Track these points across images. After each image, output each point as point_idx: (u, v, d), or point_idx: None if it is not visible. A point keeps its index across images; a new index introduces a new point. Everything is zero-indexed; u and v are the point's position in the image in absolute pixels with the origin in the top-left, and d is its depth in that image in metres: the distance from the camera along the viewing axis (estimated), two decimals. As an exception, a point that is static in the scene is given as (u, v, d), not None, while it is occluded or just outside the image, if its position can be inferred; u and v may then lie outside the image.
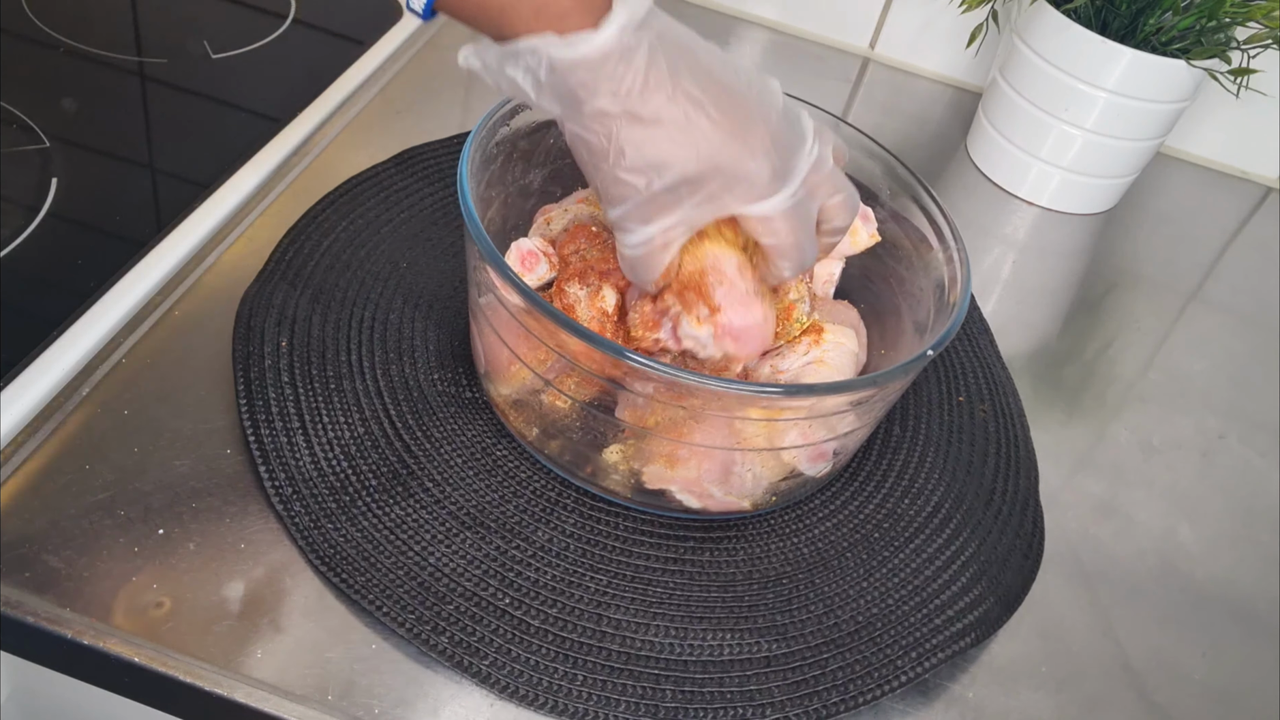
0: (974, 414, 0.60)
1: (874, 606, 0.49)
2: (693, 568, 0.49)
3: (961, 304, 0.50)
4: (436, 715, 0.43)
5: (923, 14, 0.92)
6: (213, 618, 0.44)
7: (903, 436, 0.58)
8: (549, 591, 0.47)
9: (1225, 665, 0.52)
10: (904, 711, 0.47)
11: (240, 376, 0.52)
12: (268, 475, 0.48)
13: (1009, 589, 0.51)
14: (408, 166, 0.68)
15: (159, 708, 0.46)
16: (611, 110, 0.40)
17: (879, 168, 0.58)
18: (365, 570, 0.46)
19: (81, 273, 0.57)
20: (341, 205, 0.63)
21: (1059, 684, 0.50)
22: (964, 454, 0.57)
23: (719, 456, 0.48)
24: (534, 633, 0.45)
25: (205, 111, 0.71)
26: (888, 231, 0.58)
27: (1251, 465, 0.64)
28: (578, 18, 0.39)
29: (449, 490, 0.50)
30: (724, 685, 0.45)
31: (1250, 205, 0.90)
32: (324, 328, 0.55)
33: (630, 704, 0.44)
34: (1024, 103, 0.79)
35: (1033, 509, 0.56)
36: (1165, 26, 0.72)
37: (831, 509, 0.53)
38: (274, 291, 0.56)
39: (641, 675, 0.45)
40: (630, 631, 0.46)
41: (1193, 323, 0.75)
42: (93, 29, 0.75)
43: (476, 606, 0.45)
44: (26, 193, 0.61)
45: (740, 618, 0.47)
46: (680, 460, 0.48)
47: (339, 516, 0.47)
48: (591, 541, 0.49)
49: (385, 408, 0.52)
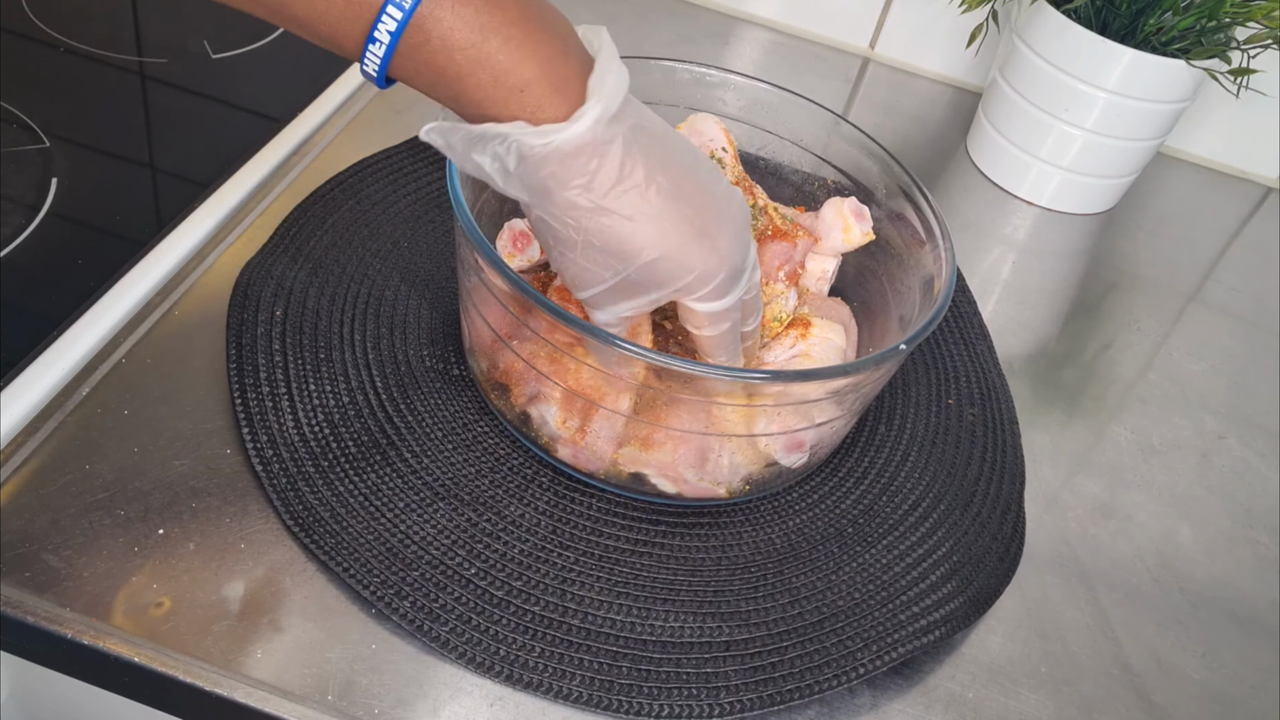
0: (963, 417, 0.60)
1: (841, 600, 0.49)
2: (662, 551, 0.50)
3: (942, 300, 0.50)
4: (436, 715, 0.43)
5: (923, 14, 0.92)
6: (212, 618, 0.44)
7: (887, 435, 0.58)
8: (515, 565, 0.47)
9: (1224, 666, 0.52)
10: (902, 711, 0.47)
11: (232, 342, 0.53)
12: (250, 436, 0.49)
13: (980, 590, 0.51)
14: (419, 151, 0.69)
15: (159, 708, 0.46)
16: (582, 204, 0.40)
17: (876, 166, 0.59)
18: (336, 533, 0.47)
19: (81, 273, 0.57)
20: (350, 185, 0.65)
21: (1058, 684, 0.50)
22: (947, 456, 0.57)
23: (695, 441, 0.49)
24: (496, 604, 0.46)
25: (205, 111, 0.71)
26: (882, 230, 0.58)
27: (1251, 466, 0.64)
28: (552, 106, 0.38)
29: (426, 462, 0.50)
30: (681, 666, 0.45)
31: (1250, 205, 0.90)
32: (319, 300, 0.57)
33: (585, 678, 0.44)
34: (1024, 103, 0.79)
35: (1014, 514, 0.56)
36: (1165, 26, 0.72)
37: (808, 502, 0.54)
38: (275, 263, 0.58)
39: (600, 651, 0.45)
40: (592, 609, 0.47)
41: (1192, 323, 0.75)
42: (93, 29, 0.75)
43: (442, 575, 0.46)
44: (26, 193, 0.61)
45: (704, 602, 0.48)
46: (656, 443, 0.49)
47: (316, 480, 0.48)
48: (562, 519, 0.50)
49: (372, 379, 0.53)
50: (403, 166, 0.67)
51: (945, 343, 0.65)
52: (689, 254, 0.42)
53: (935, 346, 0.65)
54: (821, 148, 0.61)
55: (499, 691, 0.44)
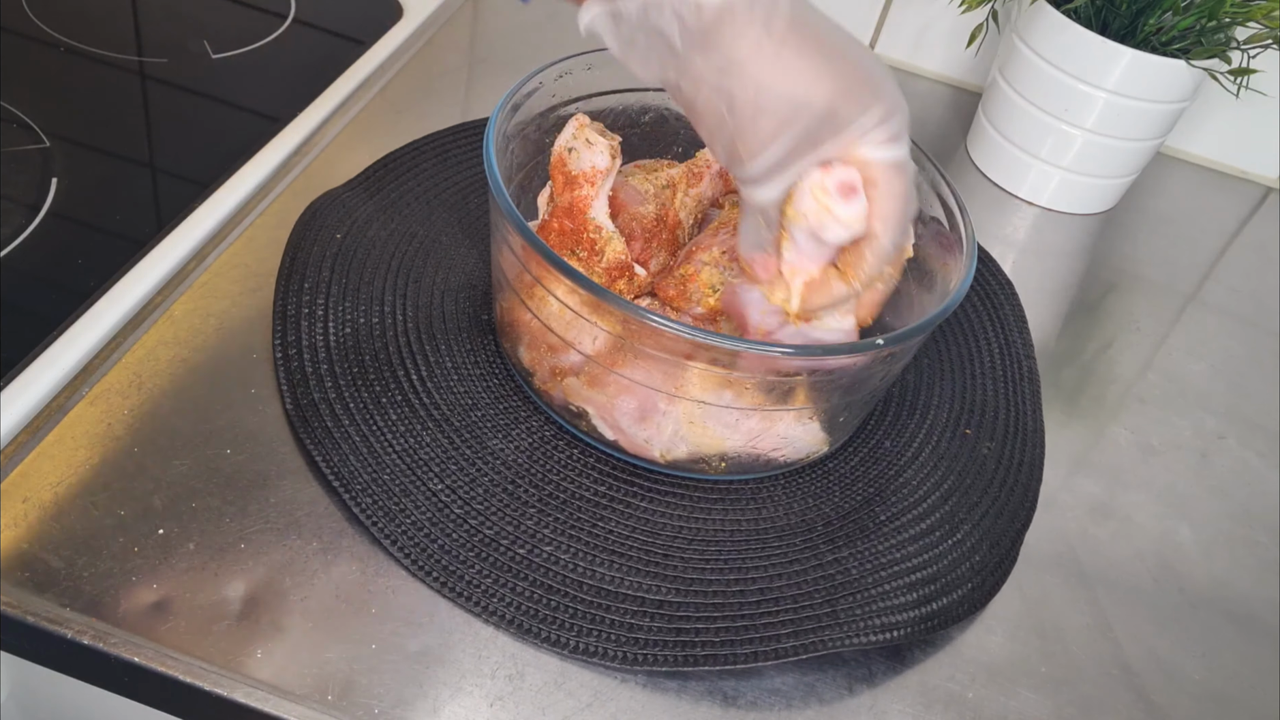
0: (977, 449, 0.58)
1: (787, 588, 0.49)
2: (625, 509, 0.51)
3: (950, 302, 0.50)
4: (436, 715, 0.43)
5: (923, 14, 0.92)
6: (212, 618, 0.44)
7: (890, 450, 0.57)
8: (480, 490, 0.50)
9: (1223, 666, 0.52)
10: (902, 711, 0.47)
11: (289, 252, 0.58)
12: (279, 333, 0.54)
13: (938, 611, 0.50)
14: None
15: (159, 708, 0.46)
16: (765, 47, 0.40)
17: (924, 180, 0.57)
18: (330, 430, 0.51)
19: (81, 272, 0.57)
20: (440, 144, 0.70)
21: (1057, 684, 0.50)
22: (948, 481, 0.56)
23: (638, 393, 0.50)
24: (452, 519, 0.49)
25: (205, 111, 0.71)
26: (920, 250, 0.56)
27: (1250, 467, 0.64)
28: None
29: (429, 386, 0.54)
30: (608, 612, 0.47)
31: (1250, 205, 0.90)
32: (379, 233, 0.62)
33: (515, 603, 0.47)
34: (1024, 103, 0.79)
35: (1003, 550, 0.54)
36: (1165, 26, 0.72)
37: (788, 496, 0.54)
38: (349, 197, 0.63)
39: (535, 582, 0.47)
40: (540, 544, 0.49)
41: (1192, 324, 0.75)
42: (93, 29, 0.75)
43: (408, 481, 0.50)
44: (26, 192, 0.61)
45: (651, 562, 0.49)
46: (599, 383, 0.50)
47: (327, 386, 0.53)
48: (539, 460, 0.52)
49: (405, 308, 0.58)
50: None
51: (983, 375, 0.63)
52: (864, 92, 0.42)
53: (970, 378, 0.63)
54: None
55: (499, 691, 0.44)
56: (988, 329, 0.67)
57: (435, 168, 0.68)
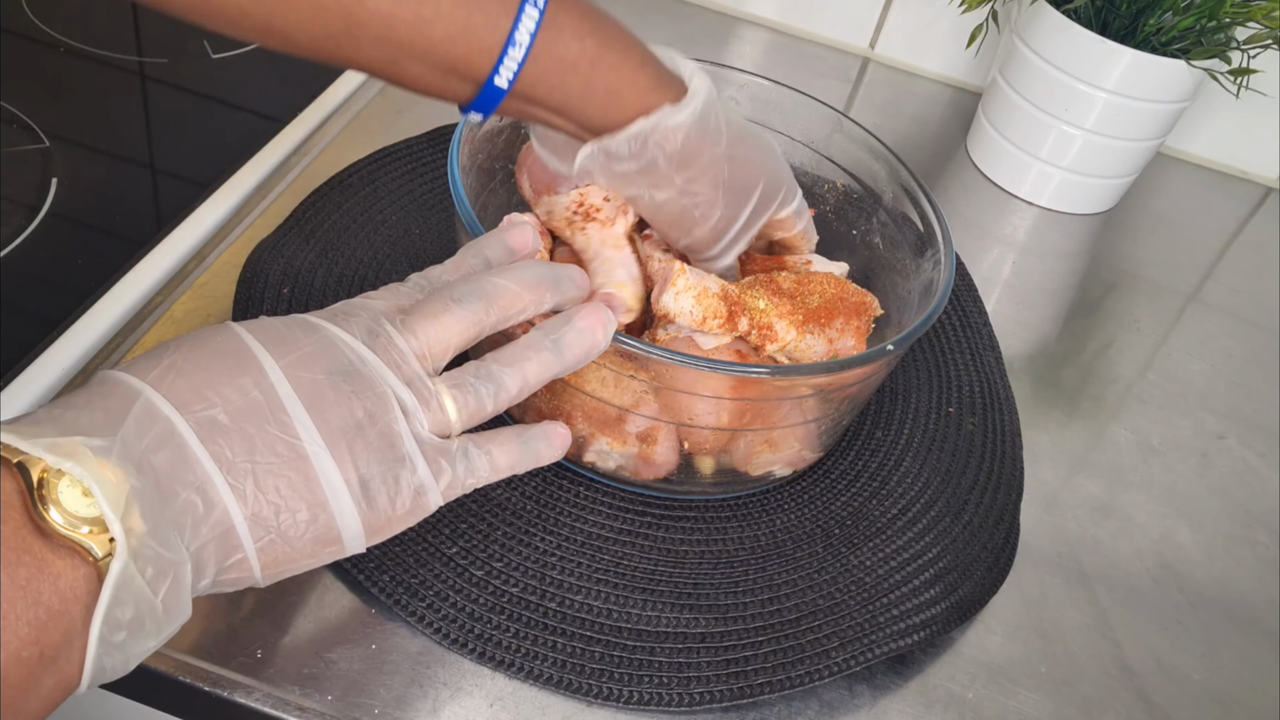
0: (962, 426, 0.60)
1: (821, 599, 0.49)
2: (645, 541, 0.50)
3: (936, 303, 0.50)
4: (436, 715, 0.43)
5: (923, 14, 0.92)
6: (213, 618, 0.44)
7: (883, 439, 0.58)
8: (497, 546, 0.48)
9: (1224, 666, 0.52)
10: (902, 711, 0.47)
11: (238, 316, 0.54)
12: None
13: (965, 598, 0.51)
14: (439, 142, 0.69)
15: (158, 708, 0.46)
16: (725, 152, 0.48)
17: (884, 170, 0.59)
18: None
19: (81, 273, 0.57)
20: (366, 173, 0.66)
21: (1058, 684, 0.50)
22: (943, 463, 0.57)
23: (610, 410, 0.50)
24: (475, 582, 0.47)
25: (205, 111, 0.71)
26: (888, 236, 0.58)
27: (1250, 467, 0.64)
28: (657, 96, 0.45)
29: None
30: (654, 655, 0.46)
31: (1250, 205, 0.90)
32: (327, 280, 0.58)
33: (558, 661, 0.45)
34: (1024, 103, 0.79)
35: (1007, 524, 0.55)
36: (1165, 27, 0.72)
37: (798, 501, 0.54)
38: (286, 244, 0.59)
39: (574, 635, 0.46)
40: (570, 593, 0.47)
41: (1192, 324, 0.75)
42: (93, 29, 0.75)
43: (423, 550, 0.47)
44: (26, 193, 0.61)
45: (682, 594, 0.48)
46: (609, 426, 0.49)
47: None
48: (547, 504, 0.51)
49: None
50: (421, 156, 0.68)
51: (951, 350, 0.65)
52: (780, 170, 0.52)
53: (941, 354, 0.64)
54: (824, 145, 0.61)
55: (499, 691, 0.44)
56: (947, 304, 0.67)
57: (367, 198, 0.64)
